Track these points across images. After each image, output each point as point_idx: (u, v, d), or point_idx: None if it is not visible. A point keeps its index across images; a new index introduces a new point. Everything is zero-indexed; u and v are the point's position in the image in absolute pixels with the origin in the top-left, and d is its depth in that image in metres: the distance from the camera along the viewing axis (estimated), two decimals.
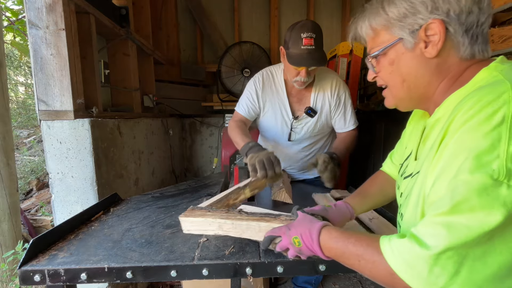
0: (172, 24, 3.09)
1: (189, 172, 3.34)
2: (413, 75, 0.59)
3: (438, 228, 0.44)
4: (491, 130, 0.42)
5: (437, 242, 0.43)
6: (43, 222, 2.28)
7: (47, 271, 0.73)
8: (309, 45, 1.25)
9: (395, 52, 0.59)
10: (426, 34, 0.55)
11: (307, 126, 1.51)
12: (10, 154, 1.70)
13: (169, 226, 1.00)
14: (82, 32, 1.46)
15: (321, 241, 0.62)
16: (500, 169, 0.41)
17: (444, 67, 0.57)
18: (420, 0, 0.55)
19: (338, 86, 1.49)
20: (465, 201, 0.42)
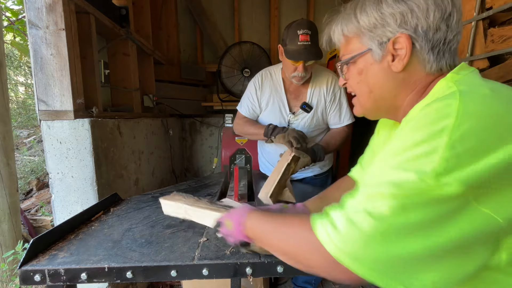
0: (172, 24, 3.09)
1: (189, 172, 3.34)
2: (380, 87, 0.60)
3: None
4: (429, 136, 0.42)
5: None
6: (43, 222, 2.28)
7: (47, 271, 0.73)
8: (305, 41, 1.32)
9: (364, 62, 0.60)
10: (394, 47, 0.55)
11: (303, 121, 1.56)
12: (10, 154, 1.70)
13: (169, 226, 1.00)
14: (82, 32, 1.46)
15: (248, 219, 0.64)
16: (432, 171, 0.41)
17: (410, 81, 0.57)
18: (390, 12, 0.55)
19: (334, 83, 1.54)
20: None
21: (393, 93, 0.59)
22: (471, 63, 1.50)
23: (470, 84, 0.49)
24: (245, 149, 2.33)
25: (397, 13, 0.54)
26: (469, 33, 1.49)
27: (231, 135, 2.37)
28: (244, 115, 1.65)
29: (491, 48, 1.40)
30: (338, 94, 1.55)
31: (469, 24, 1.49)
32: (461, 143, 0.40)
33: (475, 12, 1.46)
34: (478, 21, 1.45)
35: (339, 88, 1.54)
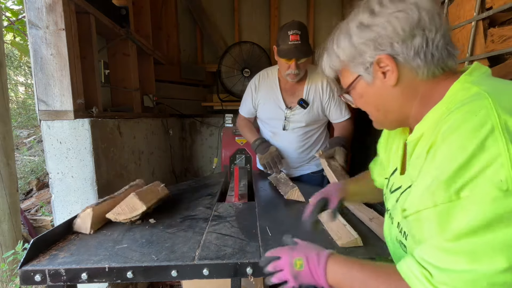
0: (172, 24, 3.09)
1: (189, 172, 3.34)
2: (383, 103, 0.62)
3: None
4: (483, 139, 0.41)
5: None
6: (43, 222, 2.28)
7: (48, 271, 0.73)
8: (296, 41, 1.43)
9: (360, 87, 0.63)
10: (380, 66, 0.57)
11: (299, 116, 1.65)
12: (10, 154, 1.70)
13: (169, 226, 1.00)
14: (82, 32, 1.46)
15: (329, 266, 0.57)
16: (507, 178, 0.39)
17: (410, 90, 0.58)
18: (360, 42, 0.58)
19: (330, 80, 1.61)
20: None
21: (397, 105, 0.60)
22: (471, 63, 1.50)
23: (488, 84, 0.49)
24: (245, 149, 2.33)
25: (367, 40, 0.57)
26: (469, 33, 1.49)
27: (231, 135, 2.37)
28: (242, 115, 1.85)
29: (491, 48, 1.40)
30: (335, 90, 1.62)
31: (469, 24, 1.49)
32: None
33: (475, 12, 1.46)
34: (478, 21, 1.45)
35: (335, 84, 1.62)
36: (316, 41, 3.43)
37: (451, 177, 0.42)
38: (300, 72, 1.52)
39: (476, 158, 0.41)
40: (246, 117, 1.84)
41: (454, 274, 0.41)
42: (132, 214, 0.97)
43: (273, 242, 0.86)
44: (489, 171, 0.40)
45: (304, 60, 1.49)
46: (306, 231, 0.89)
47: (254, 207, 1.20)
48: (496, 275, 0.39)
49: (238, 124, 1.90)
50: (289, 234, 0.71)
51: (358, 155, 2.79)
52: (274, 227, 0.97)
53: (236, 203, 1.25)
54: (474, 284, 0.40)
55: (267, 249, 0.81)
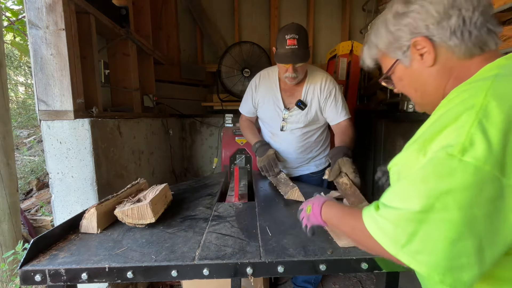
0: (172, 24, 3.09)
1: (189, 172, 3.34)
2: (420, 85, 0.65)
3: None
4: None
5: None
6: (43, 222, 2.28)
7: (48, 271, 0.73)
8: (293, 45, 1.41)
9: (399, 70, 0.67)
10: (417, 48, 0.61)
11: (297, 118, 1.65)
12: (10, 154, 1.69)
13: (169, 226, 1.00)
14: (82, 32, 1.46)
15: (323, 208, 0.77)
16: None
17: (445, 70, 0.60)
18: (397, 28, 0.62)
19: (328, 81, 1.61)
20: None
21: (433, 86, 0.63)
22: None
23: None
24: (245, 149, 2.33)
25: (403, 26, 0.61)
26: None
27: (231, 135, 2.37)
28: (244, 114, 1.84)
29: None
30: (333, 92, 1.61)
31: None
32: (487, 120, 0.43)
33: None
34: None
35: (333, 86, 1.62)
36: (316, 41, 3.43)
37: (426, 141, 0.50)
38: (298, 75, 1.52)
39: (448, 128, 0.47)
40: (248, 116, 1.83)
41: (390, 209, 0.51)
42: (139, 222, 0.97)
43: (273, 242, 0.86)
44: (446, 137, 0.46)
45: (302, 64, 1.47)
46: (304, 232, 0.91)
47: (254, 207, 1.20)
48: (407, 215, 0.47)
49: (240, 125, 1.89)
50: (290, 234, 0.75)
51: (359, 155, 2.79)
52: (274, 227, 0.97)
53: (236, 203, 1.25)
54: (398, 219, 0.49)
55: (267, 249, 0.81)
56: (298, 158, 1.74)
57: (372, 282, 2.10)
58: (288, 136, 1.70)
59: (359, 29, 3.19)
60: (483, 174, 0.42)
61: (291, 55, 1.42)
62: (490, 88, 0.47)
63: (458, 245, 0.43)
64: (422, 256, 0.46)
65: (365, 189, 2.52)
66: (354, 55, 2.57)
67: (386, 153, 2.24)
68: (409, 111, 1.90)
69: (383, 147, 2.25)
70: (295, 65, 1.46)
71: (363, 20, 3.16)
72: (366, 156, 2.54)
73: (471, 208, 0.43)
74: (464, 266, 0.44)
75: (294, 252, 0.80)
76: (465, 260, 0.44)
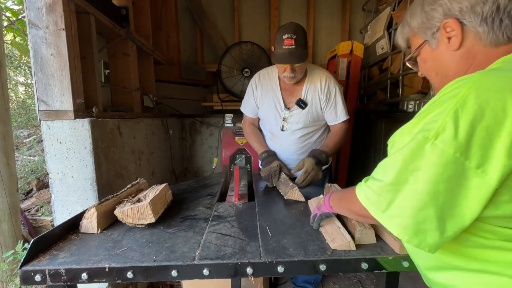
0: (172, 24, 3.09)
1: (189, 172, 3.34)
2: (442, 68, 0.67)
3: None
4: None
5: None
6: (43, 222, 2.28)
7: (48, 271, 0.73)
8: (290, 45, 1.40)
9: (425, 52, 0.70)
10: (446, 31, 0.62)
11: (298, 117, 1.63)
12: (10, 154, 1.69)
13: (169, 226, 1.00)
14: (82, 32, 1.46)
15: (331, 196, 0.88)
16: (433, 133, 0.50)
17: (468, 56, 0.62)
18: (431, 8, 0.64)
19: (329, 81, 1.60)
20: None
21: (454, 70, 0.64)
22: None
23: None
24: (245, 149, 2.33)
25: (437, 6, 0.63)
26: None
27: (231, 135, 2.37)
28: (248, 116, 1.80)
29: None
30: (333, 92, 1.60)
31: None
32: (462, 110, 0.48)
33: None
34: None
35: (334, 86, 1.60)
36: (316, 41, 3.43)
37: (414, 123, 0.55)
38: (297, 75, 1.51)
39: (432, 112, 0.52)
40: (251, 118, 1.79)
41: (374, 181, 0.59)
42: (139, 222, 0.97)
43: (273, 242, 0.86)
44: (428, 121, 0.52)
45: (300, 64, 1.46)
46: (304, 232, 0.92)
47: (254, 207, 1.20)
48: (387, 186, 0.55)
49: (244, 131, 1.85)
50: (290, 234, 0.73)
51: (358, 155, 2.79)
52: (274, 227, 0.97)
53: (236, 203, 1.25)
54: (380, 189, 0.57)
55: (267, 249, 0.81)
56: (298, 159, 1.70)
57: (372, 282, 2.10)
58: (288, 137, 1.68)
59: (359, 29, 3.19)
60: (447, 156, 0.48)
61: (288, 55, 1.41)
62: (477, 80, 0.50)
63: (423, 212, 0.51)
64: (397, 220, 0.54)
65: None
66: (354, 55, 2.57)
67: (386, 153, 2.23)
68: (409, 111, 1.90)
69: (383, 147, 2.25)
70: (293, 65, 1.45)
71: (363, 20, 3.16)
72: (366, 156, 2.54)
73: (436, 183, 0.50)
74: (427, 230, 0.52)
75: (294, 252, 0.80)
76: (428, 226, 0.51)
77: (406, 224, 0.53)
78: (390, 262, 0.78)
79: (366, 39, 2.82)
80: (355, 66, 2.57)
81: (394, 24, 2.26)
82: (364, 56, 2.63)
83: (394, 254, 0.79)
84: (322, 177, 1.73)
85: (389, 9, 2.36)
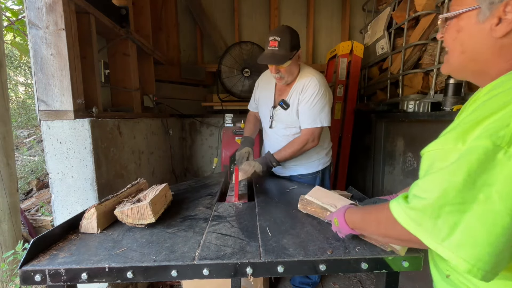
0: (172, 24, 3.09)
1: (189, 172, 3.34)
2: (473, 49, 0.58)
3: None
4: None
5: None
6: (43, 222, 2.28)
7: (48, 271, 0.73)
8: (273, 47, 1.45)
9: (467, 20, 0.58)
10: (504, 9, 0.52)
11: (281, 117, 1.69)
12: (10, 154, 1.69)
13: (169, 226, 1.00)
14: (82, 32, 1.46)
15: (346, 217, 0.78)
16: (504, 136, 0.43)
17: (509, 49, 0.54)
18: None
19: (309, 85, 1.56)
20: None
21: (485, 58, 0.57)
22: None
23: None
24: None
25: None
26: None
27: (231, 135, 2.37)
28: (249, 109, 1.98)
29: None
30: (312, 95, 1.55)
31: None
32: None
33: None
34: None
35: (315, 89, 1.55)
36: (316, 41, 3.43)
37: (467, 128, 0.47)
38: (283, 76, 1.55)
39: (494, 115, 0.44)
40: (252, 111, 1.96)
41: (420, 200, 0.50)
42: (139, 222, 0.97)
43: (273, 242, 0.86)
44: (490, 126, 0.44)
45: (287, 65, 1.49)
46: (304, 232, 0.92)
47: (254, 207, 1.20)
48: (444, 206, 0.46)
49: (246, 118, 2.03)
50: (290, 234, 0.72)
51: (358, 155, 2.79)
52: (274, 227, 0.97)
53: (236, 203, 1.25)
54: (434, 210, 0.47)
55: (267, 249, 0.81)
56: None
57: (372, 282, 2.10)
58: (275, 135, 1.75)
59: (359, 29, 3.19)
60: None
61: (270, 56, 1.46)
62: None
63: (502, 238, 0.41)
64: (466, 250, 0.43)
65: (365, 189, 2.52)
66: (354, 55, 2.57)
67: (386, 153, 2.23)
68: (409, 111, 1.90)
69: (383, 147, 2.25)
70: (277, 66, 1.50)
71: (363, 20, 3.16)
72: (366, 156, 2.54)
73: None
74: (504, 259, 0.42)
75: (294, 252, 0.80)
76: (507, 253, 0.42)
77: (481, 255, 0.42)
78: (390, 262, 0.78)
79: (366, 39, 2.82)
80: (355, 66, 2.57)
81: (394, 24, 2.26)
82: (364, 56, 2.63)
83: (394, 254, 0.79)
84: (310, 179, 1.77)
85: (389, 9, 2.36)
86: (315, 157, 1.75)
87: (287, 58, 1.47)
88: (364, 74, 2.85)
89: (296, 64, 1.57)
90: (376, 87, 2.61)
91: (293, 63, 1.53)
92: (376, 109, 2.39)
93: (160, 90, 2.74)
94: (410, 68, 2.04)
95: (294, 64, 1.55)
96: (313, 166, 1.76)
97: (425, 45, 1.91)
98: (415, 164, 1.87)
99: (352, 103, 2.64)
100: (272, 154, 1.61)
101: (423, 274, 1.80)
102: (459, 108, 1.44)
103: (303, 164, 1.74)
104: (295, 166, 1.75)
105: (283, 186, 1.58)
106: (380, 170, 2.27)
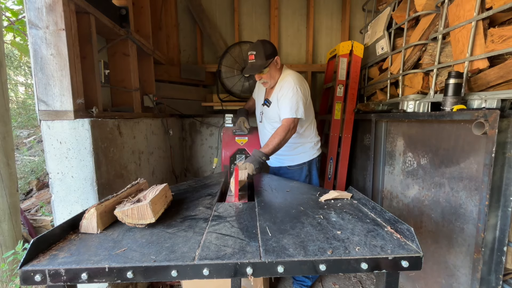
0: (172, 24, 3.09)
1: (189, 172, 3.34)
2: None
3: None
4: None
5: None
6: (43, 222, 2.28)
7: (48, 271, 0.73)
8: (252, 60, 1.82)
9: None
10: None
11: (267, 113, 1.98)
12: (10, 154, 1.70)
13: (169, 226, 1.00)
14: (82, 32, 1.46)
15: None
16: None
17: None
18: None
19: (286, 80, 1.84)
20: None
21: None
22: (471, 63, 1.50)
23: None
24: (245, 149, 2.33)
25: None
26: (469, 33, 1.49)
27: (231, 135, 2.37)
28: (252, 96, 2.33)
29: (491, 48, 1.40)
30: (287, 89, 1.80)
31: (469, 24, 1.49)
32: None
33: (475, 12, 1.46)
34: (478, 21, 1.45)
35: (291, 85, 1.80)
36: (316, 41, 3.43)
37: None
38: (267, 80, 1.88)
39: None
40: (252, 96, 2.31)
41: None
42: (139, 222, 0.97)
43: (273, 242, 0.86)
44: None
45: (266, 71, 1.82)
46: (304, 232, 0.92)
47: (254, 207, 1.20)
48: None
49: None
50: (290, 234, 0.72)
51: (358, 155, 2.78)
52: (274, 227, 0.97)
53: (236, 203, 1.25)
54: None
55: (267, 249, 0.81)
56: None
57: (372, 282, 2.10)
58: (264, 129, 2.04)
59: (359, 29, 3.19)
60: None
61: (250, 67, 1.82)
62: None
63: None
64: None
65: (365, 189, 2.52)
66: (354, 55, 2.56)
67: (386, 153, 2.23)
68: (409, 111, 1.90)
69: (383, 147, 2.25)
70: (259, 74, 1.84)
71: (363, 20, 3.15)
72: (366, 156, 2.54)
73: None
74: None
75: (294, 252, 0.80)
76: None
77: None
78: (390, 262, 0.78)
79: (366, 39, 2.82)
80: (355, 66, 2.57)
81: (394, 24, 2.26)
82: (364, 56, 2.63)
83: (394, 254, 0.79)
84: (298, 171, 2.01)
85: (389, 9, 2.36)
86: (300, 150, 1.99)
87: (263, 66, 1.79)
88: (364, 74, 2.85)
89: (275, 69, 1.87)
90: (376, 87, 2.61)
91: (271, 69, 1.84)
92: (376, 109, 2.38)
93: (160, 90, 2.74)
94: (410, 68, 2.04)
95: (274, 70, 1.85)
96: (299, 159, 1.99)
97: (425, 45, 1.91)
98: (415, 164, 1.87)
99: (352, 103, 2.64)
100: (259, 150, 1.71)
101: (423, 274, 1.81)
102: (459, 108, 1.44)
103: (291, 155, 1.99)
104: (283, 159, 2.01)
105: (283, 186, 1.58)
106: (380, 170, 2.27)
